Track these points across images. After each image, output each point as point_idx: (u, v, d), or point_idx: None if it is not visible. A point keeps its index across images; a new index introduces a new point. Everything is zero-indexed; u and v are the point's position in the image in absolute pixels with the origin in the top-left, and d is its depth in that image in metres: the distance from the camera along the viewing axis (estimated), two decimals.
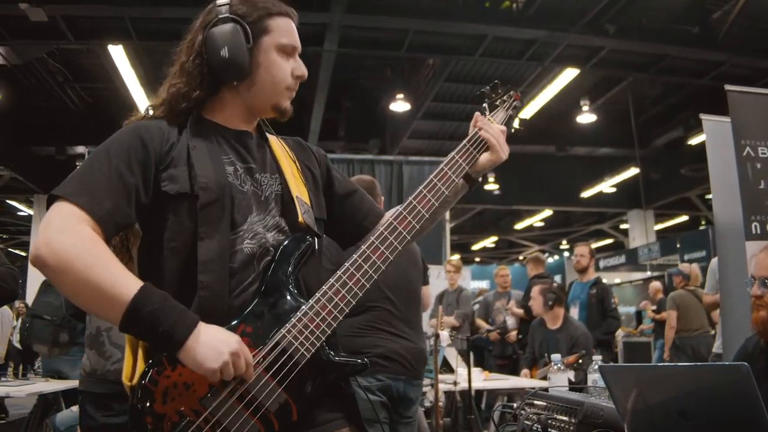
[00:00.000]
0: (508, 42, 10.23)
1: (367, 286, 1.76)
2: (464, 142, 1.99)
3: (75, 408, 5.20)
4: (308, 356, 1.66)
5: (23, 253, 24.23)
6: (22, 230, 21.21)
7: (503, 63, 11.09)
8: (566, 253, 27.18)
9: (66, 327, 5.47)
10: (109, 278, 1.56)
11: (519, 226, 23.17)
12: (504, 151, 2.03)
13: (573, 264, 7.92)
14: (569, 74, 10.90)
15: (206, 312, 1.65)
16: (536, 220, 22.45)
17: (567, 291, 8.38)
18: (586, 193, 17.37)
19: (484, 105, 2.14)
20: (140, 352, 1.68)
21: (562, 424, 2.18)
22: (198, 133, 1.84)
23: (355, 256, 1.78)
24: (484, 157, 2.02)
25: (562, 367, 3.99)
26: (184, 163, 1.76)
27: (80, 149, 13.56)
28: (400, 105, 12.17)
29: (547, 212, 21.08)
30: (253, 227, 1.79)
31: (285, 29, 1.91)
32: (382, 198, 4.30)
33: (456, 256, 24.80)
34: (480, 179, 2.09)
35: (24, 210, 19.47)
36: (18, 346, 8.74)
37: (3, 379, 5.84)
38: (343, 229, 2.11)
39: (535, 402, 2.38)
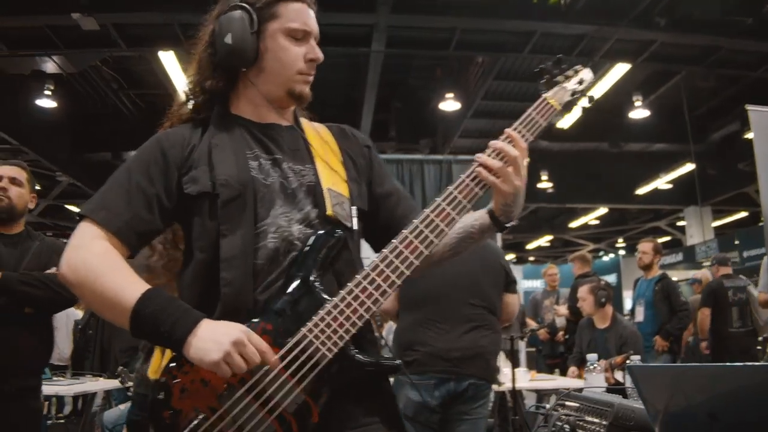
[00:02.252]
0: (556, 38, 10.11)
1: (398, 282, 1.69)
2: (464, 175, 1.80)
3: (123, 406, 5.29)
4: (330, 356, 1.62)
5: None
6: None
7: (553, 59, 10.96)
8: (622, 252, 26.81)
9: None
10: (115, 287, 1.62)
11: (574, 224, 22.88)
12: (509, 185, 1.78)
13: (636, 261, 7.80)
14: (620, 69, 10.71)
15: (230, 309, 1.65)
16: (591, 218, 22.14)
17: (633, 288, 8.29)
18: (641, 190, 17.07)
19: (542, 82, 1.98)
20: (168, 350, 1.70)
21: (593, 426, 2.13)
22: (221, 130, 1.85)
23: (385, 251, 1.71)
24: (495, 195, 1.82)
25: (598, 367, 3.92)
26: (205, 163, 1.78)
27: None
28: (450, 104, 12.12)
29: (602, 210, 20.80)
30: (277, 220, 1.76)
31: (296, 13, 1.87)
32: None
33: (510, 256, 24.61)
34: (508, 223, 1.88)
35: None
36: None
37: (55, 378, 5.96)
38: (375, 230, 2.02)
39: (568, 403, 2.34)
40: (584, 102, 2.05)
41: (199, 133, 1.86)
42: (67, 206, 19.15)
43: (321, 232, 1.78)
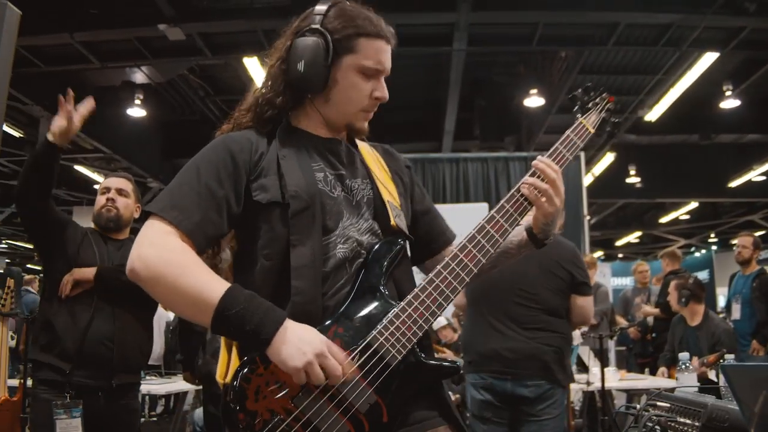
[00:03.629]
0: (642, 28, 9.89)
1: (459, 289, 1.78)
2: (513, 189, 1.92)
3: None
4: (399, 358, 1.68)
5: None
6: None
7: (638, 51, 10.73)
8: (714, 247, 26.05)
9: None
10: (196, 285, 1.64)
11: (663, 219, 22.33)
12: (551, 203, 1.91)
13: (735, 255, 7.56)
14: (709, 58, 10.35)
15: (300, 316, 1.68)
16: (682, 213, 21.52)
17: (729, 284, 8.05)
18: (734, 183, 16.47)
19: (575, 108, 2.12)
20: (234, 351, 1.75)
21: (685, 427, 2.07)
22: (287, 142, 1.90)
23: (447, 259, 1.80)
24: (536, 213, 1.94)
25: (690, 367, 3.81)
26: (275, 173, 1.83)
27: None
28: (534, 100, 11.90)
29: (693, 204, 20.22)
30: (345, 231, 1.83)
31: (373, 51, 1.89)
32: None
33: (598, 253, 24.17)
34: (546, 240, 2.01)
35: None
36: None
37: (148, 377, 6.12)
38: (413, 245, 2.09)
39: (659, 403, 2.28)
40: (613, 129, 2.20)
41: (265, 141, 1.91)
42: None
43: (385, 240, 1.87)
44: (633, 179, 15.86)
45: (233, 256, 1.93)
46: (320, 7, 1.91)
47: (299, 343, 1.58)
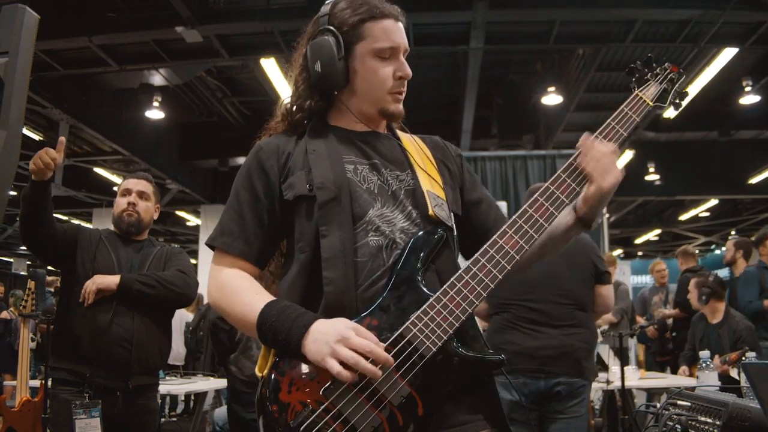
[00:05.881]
0: (660, 25, 9.80)
1: (500, 277, 1.72)
2: (559, 170, 1.83)
3: None
4: (434, 349, 1.65)
5: (194, 261, 25.50)
6: (192, 239, 22.35)
7: (656, 47, 10.63)
8: None
9: None
10: (242, 309, 1.78)
11: (683, 217, 22.18)
12: (606, 180, 1.79)
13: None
14: (728, 54, 10.26)
15: (334, 307, 1.71)
16: (701, 210, 21.38)
17: None
18: (755, 180, 16.30)
19: (633, 80, 2.00)
20: None
21: (706, 426, 2.05)
22: (318, 138, 1.93)
23: (486, 246, 1.74)
24: (589, 189, 1.82)
25: (711, 365, 3.78)
26: (301, 168, 1.86)
27: (241, 160, 14.08)
28: (552, 98, 11.88)
29: (713, 201, 20.08)
30: (376, 220, 1.81)
31: (383, 32, 1.92)
32: None
33: (617, 252, 24.00)
34: (596, 221, 1.90)
35: (193, 220, 20.54)
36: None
37: (168, 378, 6.14)
38: (466, 236, 2.06)
39: (679, 402, 2.26)
40: (677, 99, 2.04)
41: (293, 141, 1.95)
42: (177, 212, 19.80)
43: (423, 231, 1.82)
44: (652, 176, 15.77)
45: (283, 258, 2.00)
46: (324, 9, 1.97)
47: (322, 336, 1.61)
